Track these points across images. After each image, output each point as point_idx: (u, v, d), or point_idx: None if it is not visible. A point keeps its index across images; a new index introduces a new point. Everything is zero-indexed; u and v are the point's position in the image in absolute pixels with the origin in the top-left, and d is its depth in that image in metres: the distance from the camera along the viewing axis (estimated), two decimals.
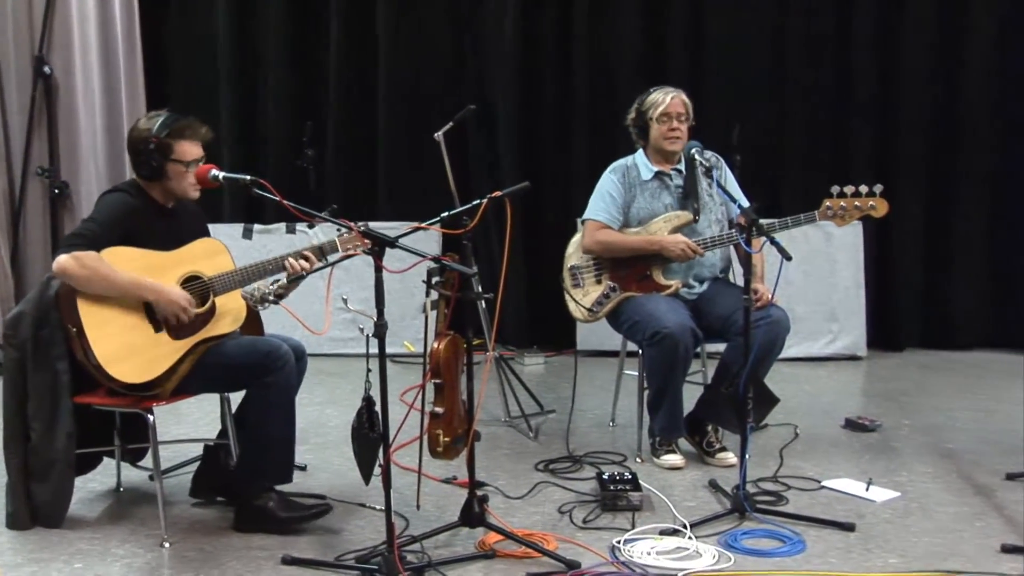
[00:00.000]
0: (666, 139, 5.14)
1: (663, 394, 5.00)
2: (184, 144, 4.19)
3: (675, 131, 5.14)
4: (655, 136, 5.17)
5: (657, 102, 5.17)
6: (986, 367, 7.30)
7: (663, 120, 5.15)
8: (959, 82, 7.64)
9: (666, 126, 5.14)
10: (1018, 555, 4.01)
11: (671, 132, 5.14)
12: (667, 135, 5.14)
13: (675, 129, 5.14)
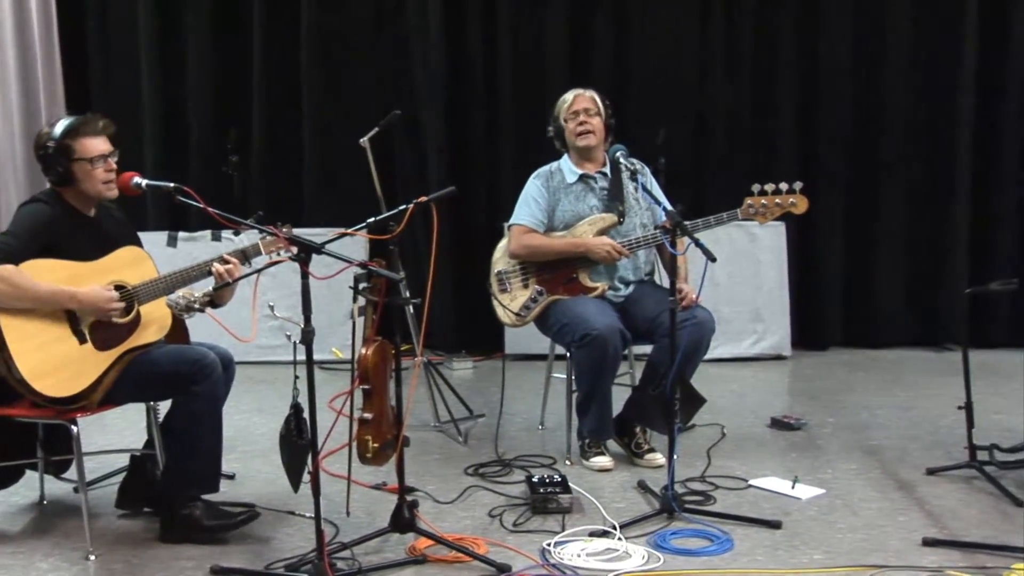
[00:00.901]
0: (577, 135, 5.19)
1: (591, 396, 5.03)
2: (84, 141, 4.12)
3: (584, 124, 5.19)
4: (568, 135, 5.23)
5: (565, 101, 5.25)
6: (907, 364, 7.43)
7: (571, 117, 5.21)
8: (878, 83, 7.76)
9: (575, 122, 5.20)
10: (939, 548, 4.08)
11: (580, 127, 5.19)
12: (577, 131, 5.19)
13: (584, 123, 5.19)
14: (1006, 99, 7.71)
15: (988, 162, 7.77)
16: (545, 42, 7.70)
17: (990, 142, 7.76)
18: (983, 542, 4.13)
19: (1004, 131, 7.73)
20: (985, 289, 5.24)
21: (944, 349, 7.77)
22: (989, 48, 7.68)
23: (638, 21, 7.74)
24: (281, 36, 7.82)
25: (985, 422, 5.44)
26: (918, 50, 7.74)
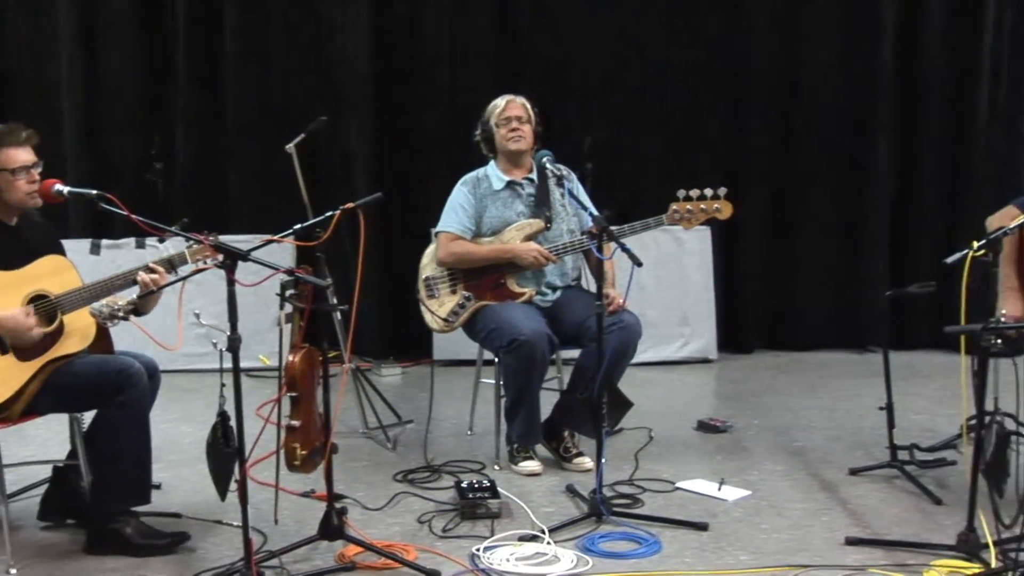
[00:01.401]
0: (508, 140, 5.21)
1: (520, 401, 5.04)
2: (7, 152, 4.06)
3: (516, 131, 5.21)
4: (499, 140, 5.24)
5: (496, 108, 5.26)
6: (830, 367, 7.53)
7: (503, 123, 5.22)
8: (803, 86, 7.87)
9: (506, 128, 5.22)
10: (862, 547, 4.16)
11: (512, 132, 5.21)
12: (508, 136, 5.21)
13: (516, 129, 5.22)
14: (925, 105, 7.84)
15: (907, 167, 7.91)
16: (471, 46, 7.71)
17: (910, 148, 7.90)
18: (904, 540, 4.22)
19: (923, 137, 7.87)
20: (904, 292, 5.34)
21: (866, 351, 7.90)
22: (907, 53, 7.82)
23: (566, 26, 7.76)
24: (205, 41, 7.74)
25: (905, 422, 5.56)
26: (838, 56, 7.85)
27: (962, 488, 4.41)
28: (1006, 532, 3.97)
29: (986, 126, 7.82)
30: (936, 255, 6.63)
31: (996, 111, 7.83)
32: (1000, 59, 7.79)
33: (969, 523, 4.03)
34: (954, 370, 4.89)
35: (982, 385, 3.95)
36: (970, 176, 7.83)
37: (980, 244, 3.92)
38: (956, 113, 7.87)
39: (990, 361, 3.95)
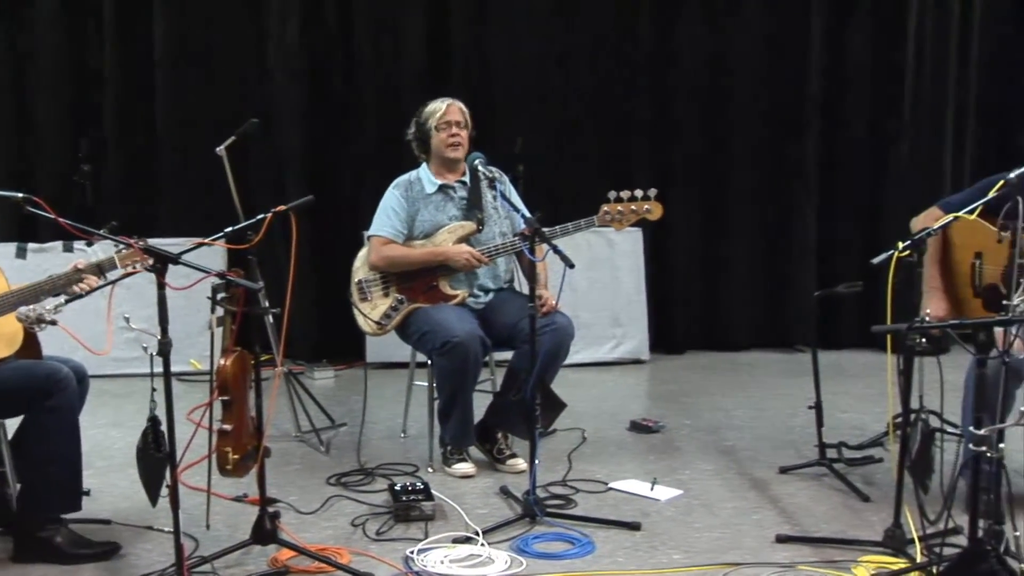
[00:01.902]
0: (448, 146, 5.20)
1: (453, 403, 5.05)
2: None
3: (455, 136, 5.21)
4: (437, 144, 5.23)
5: (436, 111, 5.24)
6: (760, 366, 7.62)
7: (443, 127, 5.21)
8: (731, 88, 7.94)
9: (446, 132, 5.21)
10: (792, 544, 4.21)
11: (452, 138, 5.20)
12: (448, 142, 5.20)
13: (455, 135, 5.21)
14: (850, 107, 7.96)
15: (834, 168, 8.02)
16: (403, 49, 7.70)
17: (836, 149, 8.01)
18: (832, 537, 4.29)
19: (849, 138, 7.98)
20: (832, 292, 5.41)
21: (795, 350, 8.00)
22: (833, 56, 7.92)
23: (497, 29, 7.78)
24: (134, 42, 7.65)
25: (834, 421, 5.65)
26: (766, 58, 7.93)
27: (889, 485, 4.50)
28: (931, 527, 4.05)
29: (910, 128, 7.94)
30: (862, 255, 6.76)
31: (919, 114, 7.96)
32: (923, 62, 7.92)
33: (895, 519, 4.11)
34: (880, 369, 4.99)
35: (907, 383, 4.02)
36: (895, 177, 7.95)
37: (905, 245, 3.99)
38: (881, 115, 7.99)
39: (915, 360, 4.02)
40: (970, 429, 3.66)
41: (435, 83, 7.40)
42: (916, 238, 4.00)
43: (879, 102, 7.97)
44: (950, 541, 3.96)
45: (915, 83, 7.91)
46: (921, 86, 7.94)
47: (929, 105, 7.96)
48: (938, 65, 7.94)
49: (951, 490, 4.02)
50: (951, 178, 7.97)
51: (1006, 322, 3.66)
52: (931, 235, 4.09)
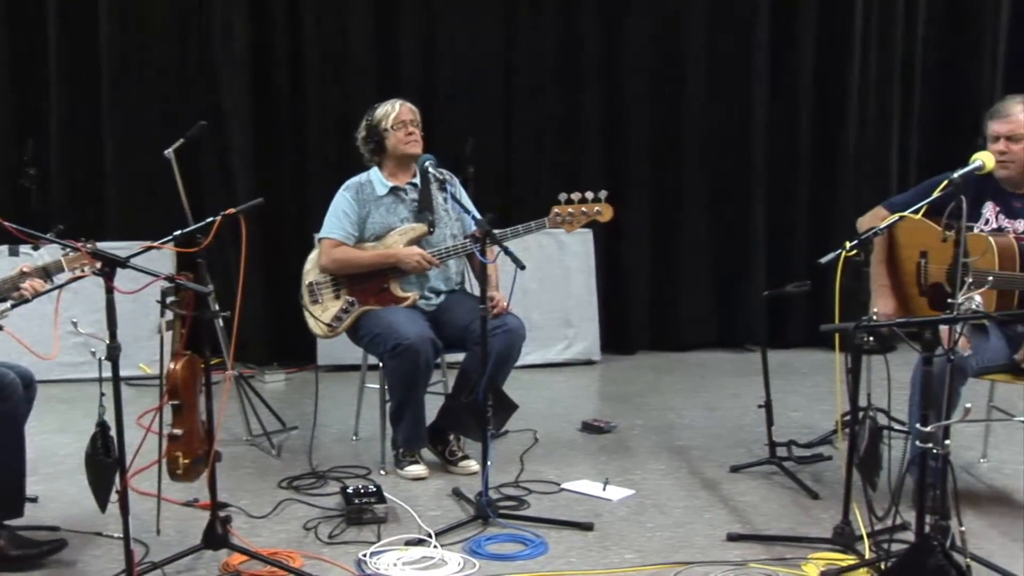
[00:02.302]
0: (406, 144, 5.20)
1: (405, 405, 5.04)
2: None
3: (412, 135, 5.22)
4: (394, 144, 5.22)
5: (389, 112, 5.23)
6: (711, 366, 7.66)
7: (399, 126, 5.21)
8: (681, 88, 7.97)
9: (403, 131, 5.21)
10: (743, 542, 4.25)
11: (409, 136, 5.21)
12: (406, 140, 5.20)
13: (412, 133, 5.22)
14: (798, 106, 8.02)
15: (782, 168, 8.08)
16: (352, 50, 7.67)
17: (785, 149, 8.07)
18: (783, 535, 4.32)
19: (797, 140, 8.05)
20: (781, 291, 5.46)
21: (745, 350, 8.05)
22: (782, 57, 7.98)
23: (445, 31, 7.78)
24: (80, 45, 7.57)
25: (784, 419, 5.69)
26: (716, 57, 7.97)
27: (837, 482, 4.55)
28: (879, 524, 4.09)
29: (857, 128, 8.02)
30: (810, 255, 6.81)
31: (866, 115, 8.04)
32: (869, 63, 8.00)
33: (844, 516, 4.16)
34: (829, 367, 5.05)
35: (855, 382, 4.06)
36: (842, 178, 8.03)
37: (852, 244, 4.04)
38: (828, 117, 8.05)
39: (863, 358, 4.07)
40: (917, 426, 3.71)
41: (384, 85, 7.38)
42: (863, 238, 4.05)
43: (826, 104, 8.03)
44: (898, 537, 4.01)
45: (861, 85, 7.99)
46: (867, 88, 8.01)
47: (875, 107, 8.04)
48: (883, 68, 8.02)
49: (898, 487, 4.07)
50: (896, 178, 8.05)
51: (951, 320, 3.71)
52: (878, 235, 4.14)
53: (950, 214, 3.93)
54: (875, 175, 8.00)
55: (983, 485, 5.00)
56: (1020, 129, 4.55)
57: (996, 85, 7.98)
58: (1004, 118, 4.58)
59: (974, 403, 3.82)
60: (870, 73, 8.00)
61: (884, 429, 4.29)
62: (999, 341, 4.64)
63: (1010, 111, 4.58)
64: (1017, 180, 4.64)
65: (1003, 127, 4.57)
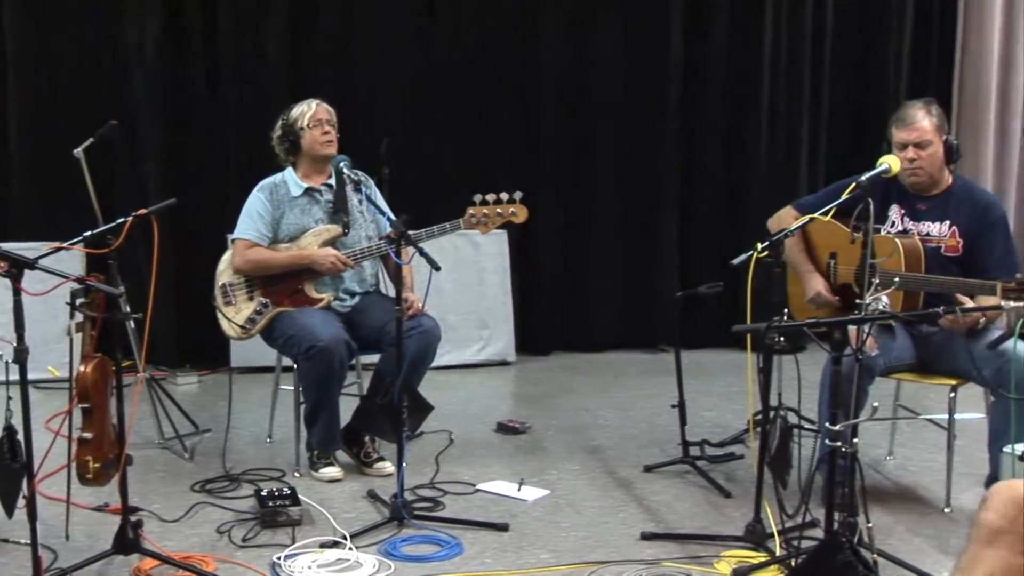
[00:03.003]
0: (322, 143, 5.17)
1: (319, 407, 5.02)
2: None
3: (328, 134, 5.20)
4: (310, 143, 5.19)
5: (304, 111, 5.20)
6: (624, 366, 7.71)
7: (315, 125, 5.18)
8: (592, 89, 8.00)
9: (319, 130, 5.18)
10: (656, 541, 4.29)
11: (325, 135, 5.19)
12: (322, 140, 5.18)
13: (327, 133, 5.20)
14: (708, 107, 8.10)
15: (694, 170, 8.16)
16: (266, 49, 7.60)
17: (695, 150, 8.15)
18: (696, 533, 4.37)
19: (708, 140, 8.13)
20: (694, 292, 5.52)
21: (658, 350, 8.12)
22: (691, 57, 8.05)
23: (360, 32, 7.73)
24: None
25: (697, 419, 5.75)
26: (626, 60, 8.02)
27: (749, 481, 4.62)
28: (789, 521, 4.16)
29: (767, 129, 8.12)
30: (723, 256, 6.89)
31: (775, 116, 8.15)
32: (778, 65, 8.11)
33: (755, 514, 4.22)
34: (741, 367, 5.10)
35: (767, 382, 4.13)
36: (753, 178, 8.12)
37: (764, 246, 4.10)
38: (738, 117, 8.14)
39: (774, 358, 4.13)
40: (826, 425, 3.78)
41: (299, 84, 7.32)
42: (774, 239, 4.11)
43: (737, 104, 8.12)
44: (807, 534, 4.09)
45: (771, 85, 8.09)
46: (777, 89, 8.12)
47: (785, 107, 8.15)
48: (793, 69, 8.13)
49: (808, 485, 4.15)
50: (807, 179, 8.17)
51: (859, 321, 3.78)
52: (789, 236, 4.20)
53: (858, 216, 4.00)
54: (785, 176, 8.11)
55: (889, 482, 5.11)
56: (926, 136, 4.65)
57: (901, 87, 8.13)
58: (909, 126, 4.66)
59: (881, 402, 3.90)
60: (780, 73, 8.10)
61: (794, 428, 4.37)
62: (905, 341, 4.74)
63: (914, 119, 4.66)
64: (924, 185, 4.74)
65: (910, 135, 4.66)
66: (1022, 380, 4.27)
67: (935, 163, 4.69)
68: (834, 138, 8.31)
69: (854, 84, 8.32)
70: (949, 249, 4.68)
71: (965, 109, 8.10)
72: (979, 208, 4.72)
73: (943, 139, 4.69)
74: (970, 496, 4.74)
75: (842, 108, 8.32)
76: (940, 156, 4.69)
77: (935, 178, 4.73)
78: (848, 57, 8.30)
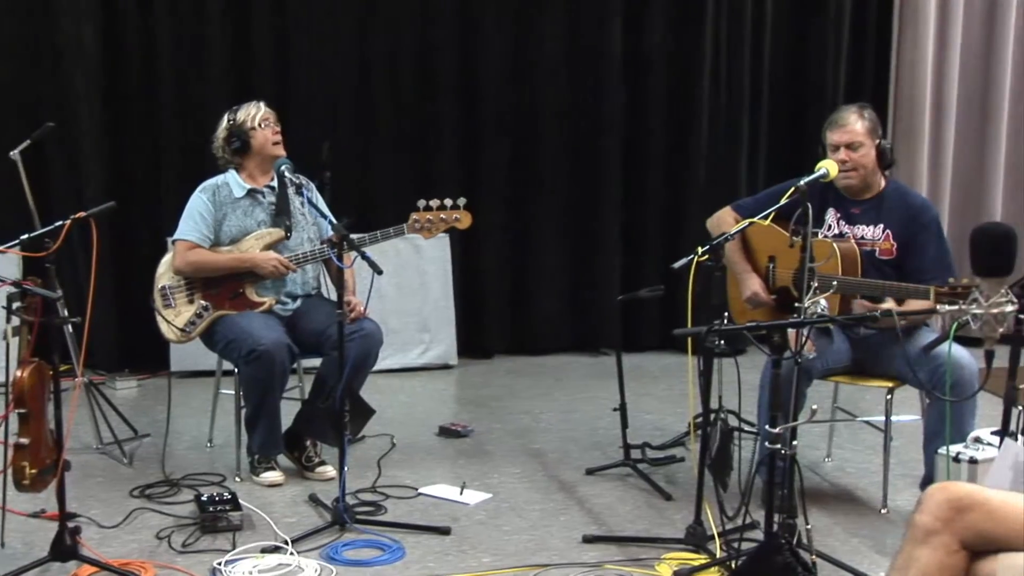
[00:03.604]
0: (273, 142, 5.16)
1: (260, 411, 4.99)
2: None
3: (278, 134, 5.18)
4: (261, 142, 5.16)
5: (253, 112, 5.18)
6: (567, 369, 7.73)
7: (265, 124, 5.16)
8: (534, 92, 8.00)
9: (270, 130, 5.16)
10: (598, 544, 4.31)
11: (276, 135, 5.17)
12: (273, 138, 5.16)
13: (277, 132, 5.18)
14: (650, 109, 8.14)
15: (637, 172, 8.19)
16: (204, 51, 7.53)
17: (637, 152, 8.18)
18: (637, 536, 4.40)
19: (650, 142, 8.17)
20: (635, 296, 5.54)
21: (600, 354, 8.14)
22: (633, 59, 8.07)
23: (298, 35, 7.68)
24: None
25: (638, 422, 5.79)
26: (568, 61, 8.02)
27: (690, 483, 4.64)
28: (729, 523, 4.20)
29: (707, 130, 8.17)
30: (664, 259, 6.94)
31: (717, 116, 8.19)
32: (719, 70, 8.16)
33: (696, 516, 4.25)
34: (682, 370, 5.16)
35: (707, 384, 4.16)
36: (693, 181, 8.17)
37: (704, 249, 4.13)
38: (679, 119, 8.17)
39: (714, 361, 4.17)
40: (766, 428, 3.81)
41: (238, 87, 7.28)
42: (714, 243, 4.14)
43: (678, 106, 8.15)
44: (747, 536, 4.12)
45: (712, 91, 8.15)
46: (718, 94, 8.17)
47: (725, 112, 8.20)
48: (734, 75, 8.19)
49: (748, 487, 4.18)
50: (746, 181, 8.22)
51: (798, 324, 3.82)
52: (729, 239, 4.24)
53: (796, 220, 4.04)
54: (725, 179, 8.15)
55: (828, 484, 5.16)
56: (858, 138, 4.71)
57: (839, 94, 8.22)
58: (841, 128, 4.73)
59: (819, 404, 3.95)
60: (720, 81, 8.16)
61: (734, 431, 4.41)
62: (843, 344, 4.80)
63: (847, 121, 4.73)
64: (857, 188, 4.80)
65: (841, 137, 4.72)
66: (956, 382, 4.35)
67: (867, 165, 4.74)
68: (773, 142, 8.37)
69: (793, 90, 8.38)
70: (883, 252, 4.74)
71: (900, 115, 8.20)
72: (912, 211, 4.78)
73: (876, 142, 4.75)
74: (906, 497, 4.81)
75: (781, 113, 8.38)
76: (873, 159, 4.75)
77: (868, 181, 4.79)
78: (787, 64, 8.37)
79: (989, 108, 8.27)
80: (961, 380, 4.39)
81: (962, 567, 2.94)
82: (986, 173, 8.31)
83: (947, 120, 8.23)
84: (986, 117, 8.28)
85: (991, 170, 8.30)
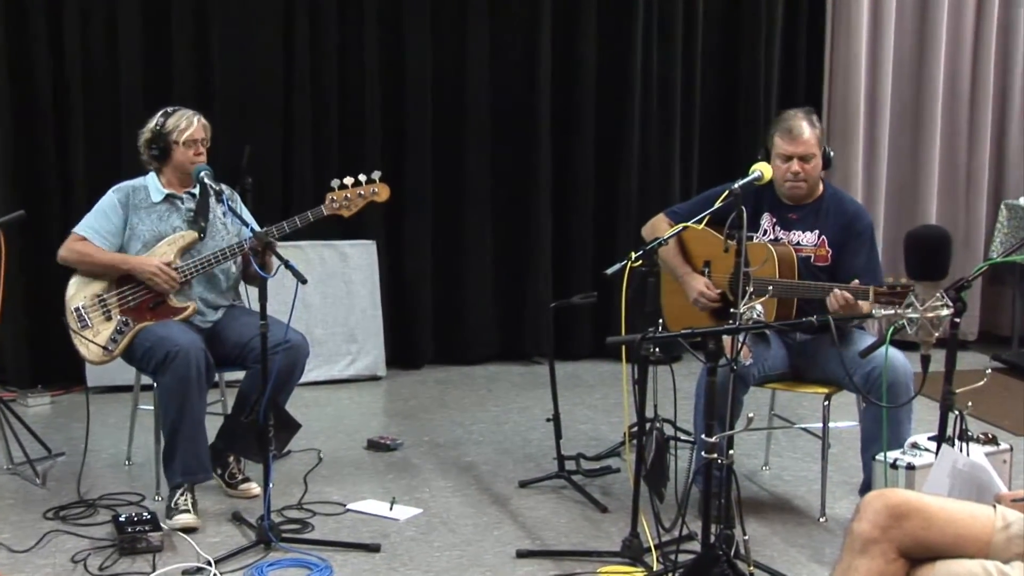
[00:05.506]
0: (192, 163, 5.00)
1: (180, 425, 4.76)
2: None
3: (200, 155, 5.03)
4: (180, 160, 5.01)
5: (183, 127, 5.01)
6: (498, 379, 7.63)
7: (190, 144, 5.01)
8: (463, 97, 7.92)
9: (193, 151, 5.01)
10: (533, 559, 4.25)
11: (197, 156, 5.02)
12: (193, 159, 5.00)
13: (200, 153, 5.04)
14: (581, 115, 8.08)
15: (567, 179, 8.13)
16: (119, 54, 7.33)
17: (569, 158, 8.12)
18: (573, 549, 4.33)
19: (581, 148, 8.11)
20: (568, 303, 5.48)
21: (532, 362, 8.05)
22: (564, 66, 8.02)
23: (216, 38, 7.51)
24: None
25: (572, 432, 5.72)
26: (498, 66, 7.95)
27: (626, 494, 4.58)
28: (666, 535, 4.15)
29: (640, 138, 8.13)
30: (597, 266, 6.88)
31: (648, 124, 8.16)
32: (651, 74, 8.12)
33: (632, 528, 4.19)
34: (616, 379, 5.09)
35: (642, 393, 4.08)
36: (626, 187, 8.12)
37: (638, 255, 4.06)
38: (611, 124, 8.12)
39: (649, 369, 4.09)
40: (702, 436, 3.75)
41: (155, 92, 7.08)
42: (648, 248, 4.08)
43: (609, 111, 8.10)
44: (684, 547, 4.08)
45: (643, 94, 8.10)
46: (649, 98, 8.13)
47: (657, 116, 8.16)
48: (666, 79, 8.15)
49: (685, 497, 4.15)
50: (680, 186, 8.19)
51: (733, 331, 3.77)
52: (663, 244, 4.19)
53: (731, 224, 3.99)
54: (658, 184, 8.11)
55: (766, 492, 5.12)
56: (812, 149, 4.70)
57: (772, 97, 8.22)
58: (796, 139, 4.68)
59: (756, 411, 3.89)
60: (652, 84, 8.12)
61: (670, 440, 4.35)
62: (780, 350, 4.76)
63: (801, 131, 4.69)
64: (802, 196, 4.78)
65: (796, 148, 4.68)
66: (892, 387, 4.33)
67: (816, 174, 4.75)
68: (706, 146, 8.35)
69: (725, 93, 8.37)
70: (819, 259, 4.73)
71: (835, 118, 8.23)
72: (847, 218, 4.79)
73: (823, 150, 4.75)
74: (845, 505, 4.78)
75: (714, 117, 8.37)
76: (820, 167, 4.75)
77: (812, 189, 4.78)
78: (720, 66, 8.36)
79: (923, 110, 8.30)
80: (897, 384, 4.37)
81: (901, 575, 2.94)
82: (921, 175, 8.33)
83: (881, 121, 8.27)
84: (920, 119, 8.31)
85: (926, 172, 8.32)
